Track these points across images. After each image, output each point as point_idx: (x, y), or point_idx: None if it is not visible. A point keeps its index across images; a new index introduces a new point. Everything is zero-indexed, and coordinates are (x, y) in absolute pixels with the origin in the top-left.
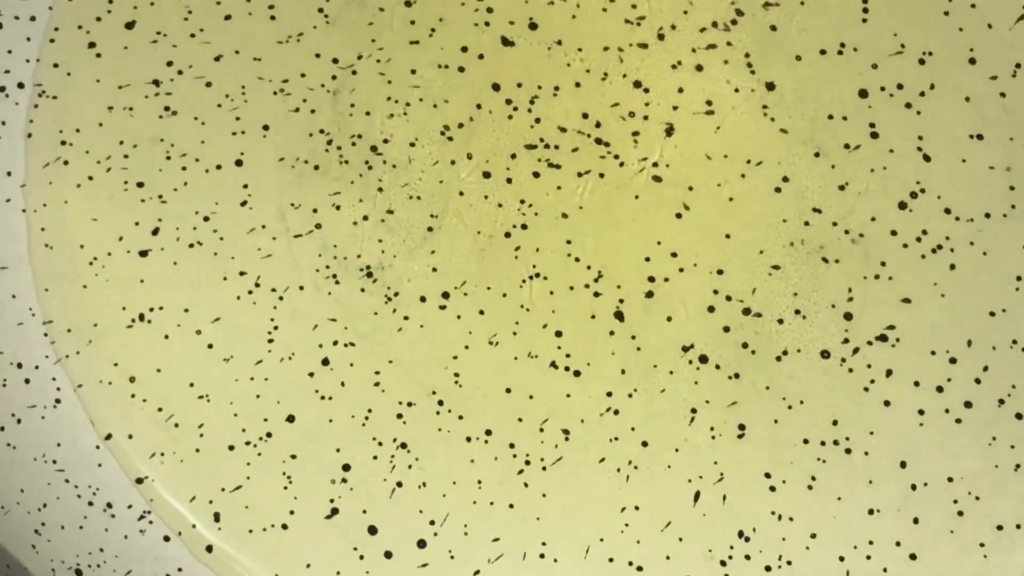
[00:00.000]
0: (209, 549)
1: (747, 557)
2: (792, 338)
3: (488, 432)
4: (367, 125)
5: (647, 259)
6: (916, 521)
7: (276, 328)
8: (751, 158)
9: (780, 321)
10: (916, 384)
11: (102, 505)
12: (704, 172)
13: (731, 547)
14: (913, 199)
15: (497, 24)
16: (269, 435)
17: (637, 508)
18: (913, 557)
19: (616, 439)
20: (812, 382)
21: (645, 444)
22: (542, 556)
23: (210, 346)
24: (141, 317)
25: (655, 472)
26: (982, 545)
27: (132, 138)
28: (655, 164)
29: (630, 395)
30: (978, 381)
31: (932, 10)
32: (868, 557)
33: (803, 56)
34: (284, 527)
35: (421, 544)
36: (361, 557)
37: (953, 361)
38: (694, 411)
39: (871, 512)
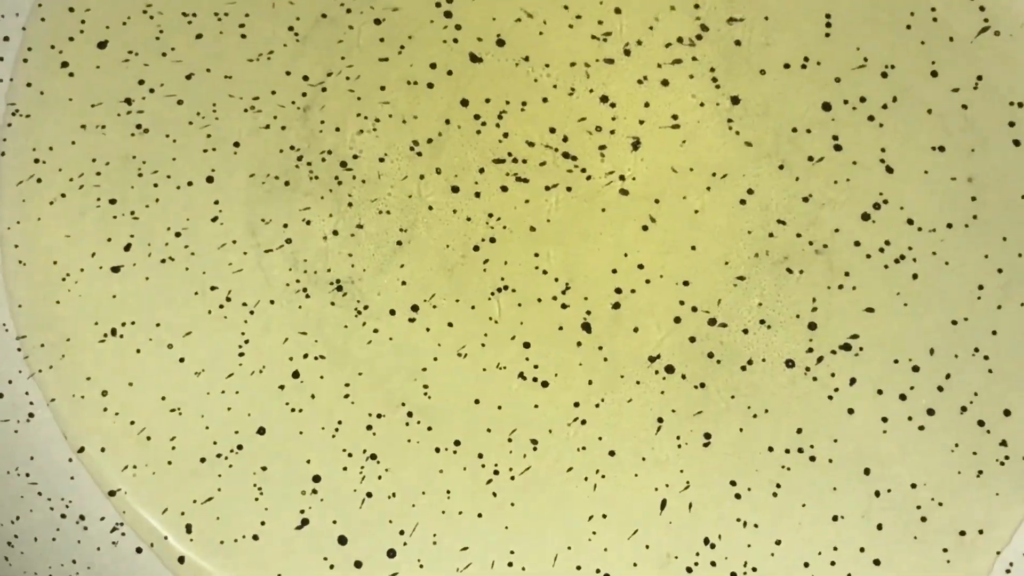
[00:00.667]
0: (181, 560)
1: (713, 564)
2: (757, 348)
3: (457, 443)
4: (337, 141)
5: (614, 271)
6: (880, 527)
7: (247, 342)
8: (716, 171)
9: (745, 331)
10: (879, 392)
11: (75, 517)
12: (670, 185)
13: (697, 554)
14: (876, 210)
15: (465, 41)
16: (240, 447)
17: (604, 516)
18: (877, 563)
19: (584, 448)
20: (777, 391)
21: (612, 453)
22: (510, 564)
23: (181, 360)
24: (113, 332)
25: (622, 481)
26: (945, 551)
27: (104, 156)
28: (622, 177)
29: (597, 405)
30: (940, 389)
31: (894, 24)
32: (832, 563)
33: (767, 70)
34: (255, 538)
35: (391, 554)
36: (331, 567)
37: (916, 369)
38: (660, 420)
39: (835, 518)
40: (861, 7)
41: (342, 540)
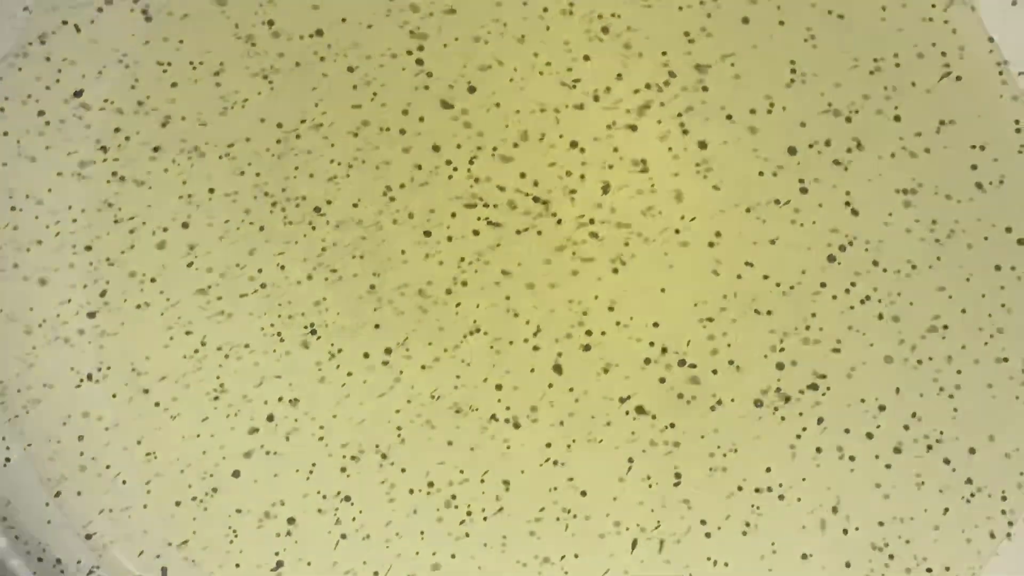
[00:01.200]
0: None
1: None
2: (726, 388)
3: (430, 484)
4: (311, 187)
5: (584, 313)
6: (848, 565)
7: (222, 386)
8: (685, 214)
9: (714, 372)
10: (847, 431)
11: (51, 561)
12: (639, 228)
13: None
14: (842, 252)
15: (436, 88)
16: (215, 490)
17: (576, 556)
18: None
19: (555, 489)
20: (746, 431)
21: (584, 494)
22: None
23: (157, 404)
24: (89, 377)
25: (593, 521)
26: None
27: (80, 203)
28: (592, 221)
29: (569, 446)
30: (907, 427)
31: (858, 70)
32: None
33: (733, 115)
34: None
35: None
36: None
37: (882, 408)
38: (631, 460)
39: (804, 557)
40: (826, 54)
41: None
